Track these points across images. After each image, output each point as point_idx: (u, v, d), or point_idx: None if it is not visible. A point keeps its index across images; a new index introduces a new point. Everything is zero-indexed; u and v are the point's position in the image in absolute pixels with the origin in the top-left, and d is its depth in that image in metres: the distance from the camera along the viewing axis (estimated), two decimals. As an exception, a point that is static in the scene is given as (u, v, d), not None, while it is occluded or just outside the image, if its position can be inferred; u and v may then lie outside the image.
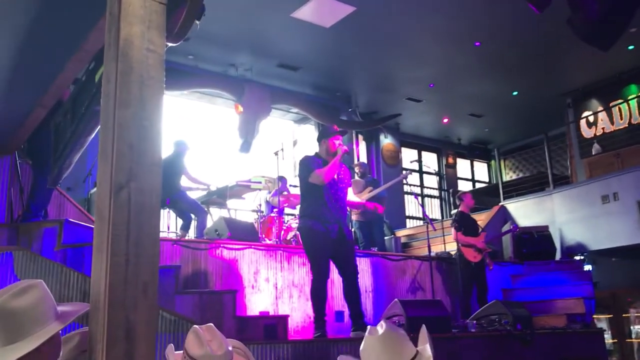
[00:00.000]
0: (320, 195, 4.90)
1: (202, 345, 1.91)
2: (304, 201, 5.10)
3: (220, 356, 1.91)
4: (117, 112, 1.89)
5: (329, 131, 5.17)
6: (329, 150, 5.04)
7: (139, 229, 1.84)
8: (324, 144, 5.09)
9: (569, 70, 10.51)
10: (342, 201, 5.01)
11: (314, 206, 4.90)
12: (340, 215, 4.96)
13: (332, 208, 4.90)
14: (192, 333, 1.97)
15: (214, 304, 4.71)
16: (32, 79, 3.73)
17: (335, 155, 5.00)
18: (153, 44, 2.00)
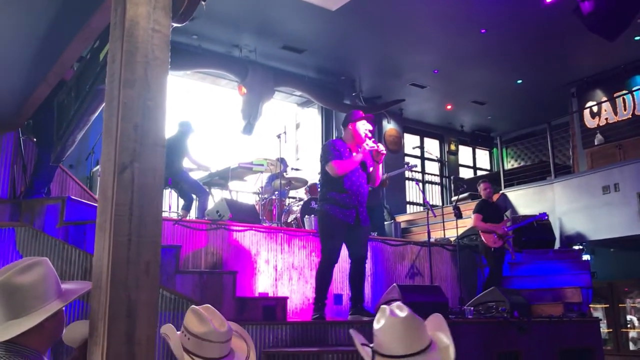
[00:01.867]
0: (341, 180, 4.89)
1: (204, 322, 1.95)
2: (323, 186, 5.09)
3: (223, 333, 1.97)
4: (121, 91, 1.89)
5: (354, 116, 5.07)
6: (354, 136, 5.01)
7: (142, 209, 1.85)
8: (349, 129, 5.03)
9: (574, 59, 10.46)
10: (363, 187, 4.99)
11: (334, 192, 4.90)
12: (359, 201, 4.95)
13: (353, 194, 4.89)
14: (192, 312, 2.00)
15: (214, 284, 4.75)
16: (37, 55, 3.73)
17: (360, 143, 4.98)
18: (159, 24, 2.00)
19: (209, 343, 1.93)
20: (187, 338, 1.95)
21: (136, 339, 1.78)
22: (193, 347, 1.93)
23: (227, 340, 2.01)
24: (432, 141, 14.01)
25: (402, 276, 7.22)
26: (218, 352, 1.95)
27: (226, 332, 1.99)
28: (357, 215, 4.88)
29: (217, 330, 1.95)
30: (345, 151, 4.95)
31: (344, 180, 4.86)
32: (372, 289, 6.82)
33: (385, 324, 1.79)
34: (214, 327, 1.96)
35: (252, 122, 9.70)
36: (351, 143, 5.01)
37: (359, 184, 4.92)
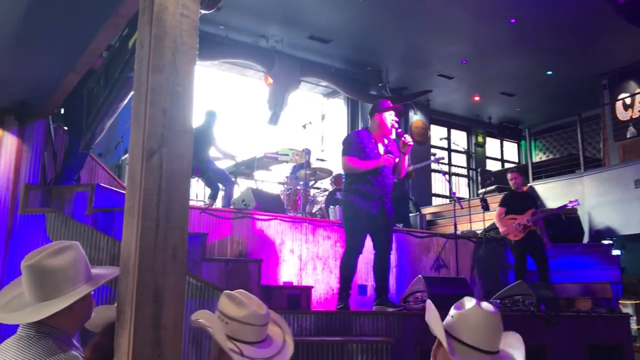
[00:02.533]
0: (367, 171, 4.86)
1: (243, 305, 1.89)
2: (348, 176, 5.06)
3: (262, 315, 1.90)
4: (150, 77, 1.89)
5: (381, 106, 5.01)
6: (380, 126, 4.95)
7: (170, 194, 1.85)
8: (376, 119, 4.96)
9: (607, 50, 10.21)
10: (388, 177, 4.94)
11: (359, 182, 4.86)
12: (384, 192, 4.89)
13: (377, 184, 4.84)
14: (228, 296, 1.94)
15: (239, 272, 4.78)
16: (66, 44, 3.77)
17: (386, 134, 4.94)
18: (187, 9, 1.99)
19: (249, 326, 1.86)
20: (225, 323, 1.87)
21: (163, 323, 1.78)
22: (232, 332, 1.85)
23: (266, 323, 1.94)
24: (460, 133, 13.87)
25: (428, 268, 7.18)
26: (257, 335, 1.89)
27: (265, 315, 1.92)
28: (382, 206, 4.84)
29: (256, 312, 1.89)
30: (370, 142, 4.90)
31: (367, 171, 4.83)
32: (397, 281, 6.79)
33: (471, 312, 1.74)
34: (253, 309, 1.89)
35: (278, 112, 9.72)
36: (377, 133, 4.96)
37: (385, 174, 4.86)
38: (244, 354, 1.80)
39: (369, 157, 4.83)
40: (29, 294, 1.80)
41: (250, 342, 1.85)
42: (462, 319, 1.73)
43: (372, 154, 4.85)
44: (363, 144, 4.85)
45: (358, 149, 4.82)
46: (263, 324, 1.90)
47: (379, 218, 4.81)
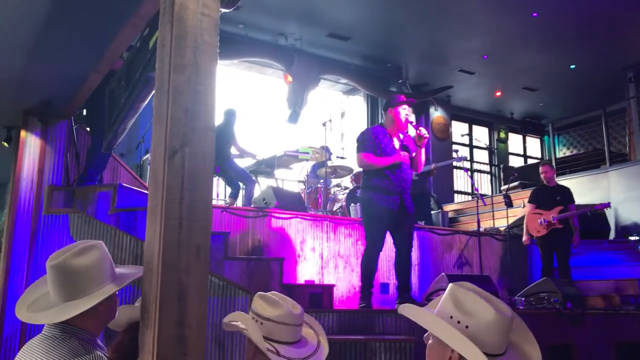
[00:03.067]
0: (381, 167, 4.83)
1: (278, 305, 1.88)
2: (365, 173, 5.03)
3: (298, 315, 1.90)
4: (171, 76, 1.89)
5: (395, 100, 4.98)
6: (394, 121, 4.92)
7: (192, 193, 1.85)
8: (390, 113, 4.93)
9: (632, 42, 10.00)
10: (406, 172, 4.89)
11: (376, 179, 4.82)
12: (402, 187, 4.84)
13: (395, 179, 4.79)
14: (261, 297, 1.92)
15: (261, 271, 4.78)
16: (88, 45, 3.80)
17: (401, 128, 4.92)
18: (207, 8, 1.99)
19: (284, 326, 1.85)
20: (260, 324, 1.85)
21: (187, 322, 1.78)
22: (268, 332, 1.84)
23: (301, 323, 1.93)
24: (481, 129, 13.72)
25: (450, 266, 7.12)
26: (293, 336, 1.88)
27: (300, 315, 1.91)
28: (401, 201, 4.79)
29: (291, 312, 1.88)
30: (385, 138, 4.87)
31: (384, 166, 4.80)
32: (419, 279, 6.75)
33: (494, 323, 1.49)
34: (288, 309, 1.88)
35: (298, 111, 9.72)
36: (392, 128, 4.93)
37: (402, 169, 4.82)
38: (280, 353, 1.78)
39: (385, 153, 4.80)
40: (54, 293, 1.81)
41: (286, 342, 1.83)
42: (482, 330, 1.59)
43: (387, 149, 4.82)
44: (378, 140, 4.82)
45: (373, 145, 4.79)
46: (298, 323, 1.88)
47: (398, 214, 4.77)
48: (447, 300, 1.56)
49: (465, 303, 1.52)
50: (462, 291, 1.54)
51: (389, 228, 4.82)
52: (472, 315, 1.50)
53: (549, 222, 6.73)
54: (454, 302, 1.54)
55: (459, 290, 1.55)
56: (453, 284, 1.58)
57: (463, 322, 1.50)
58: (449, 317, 1.52)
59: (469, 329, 1.48)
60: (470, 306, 1.51)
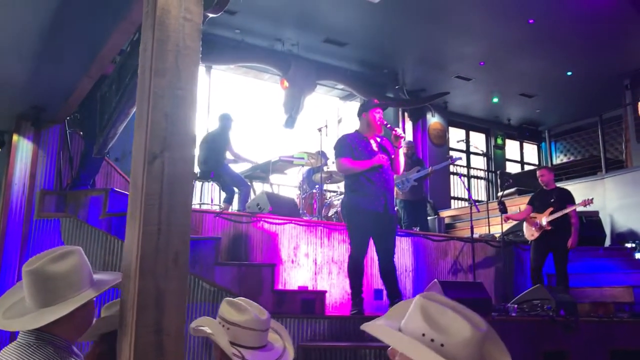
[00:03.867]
0: (364, 170, 4.83)
1: (244, 310, 1.91)
2: (347, 178, 5.04)
3: (264, 320, 1.93)
4: (152, 80, 1.88)
5: (369, 104, 5.08)
6: (369, 124, 4.97)
7: (172, 198, 1.84)
8: (364, 118, 5.01)
9: (628, 49, 9.99)
10: (386, 173, 4.91)
11: (359, 182, 4.83)
12: (386, 188, 4.86)
13: (377, 181, 4.81)
14: (228, 302, 1.95)
15: (252, 277, 4.75)
16: (79, 49, 3.79)
17: (376, 131, 4.96)
18: (190, 13, 1.98)
19: (250, 331, 1.89)
20: (226, 329, 1.89)
21: (165, 329, 1.77)
22: (234, 337, 1.87)
23: (267, 329, 1.97)
24: (478, 135, 13.71)
25: (445, 272, 7.10)
26: (259, 341, 1.91)
27: (266, 320, 1.95)
28: (385, 202, 4.80)
29: (258, 317, 1.91)
30: (361, 142, 4.91)
31: None
32: (413, 285, 6.72)
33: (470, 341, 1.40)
34: (255, 315, 1.91)
35: (294, 116, 9.71)
36: (367, 132, 4.99)
37: (383, 170, 4.84)
38: (245, 358, 1.80)
39: (364, 156, 4.85)
40: (30, 299, 1.79)
41: (252, 347, 1.85)
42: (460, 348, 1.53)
43: (366, 152, 4.87)
44: (355, 144, 4.88)
45: (351, 150, 4.83)
46: (264, 329, 1.90)
47: (382, 216, 4.77)
48: (417, 315, 1.44)
49: (439, 319, 1.41)
50: (433, 305, 1.43)
51: (374, 232, 4.81)
52: (447, 333, 1.39)
53: (540, 225, 6.72)
54: (425, 317, 1.43)
55: (429, 305, 1.44)
56: (421, 297, 1.47)
57: (437, 340, 1.39)
58: (420, 335, 1.41)
59: (444, 348, 1.38)
60: (445, 323, 1.40)
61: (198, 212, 5.89)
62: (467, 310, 1.44)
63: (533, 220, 6.83)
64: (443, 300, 1.46)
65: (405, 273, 6.78)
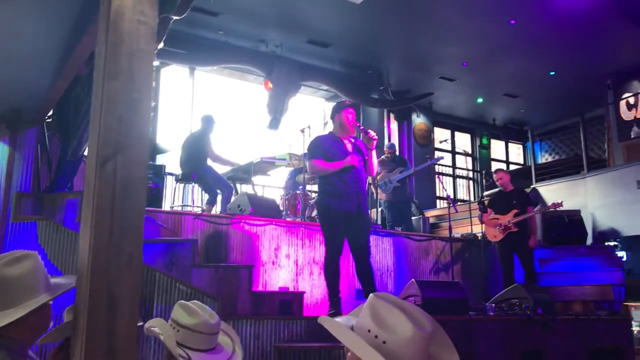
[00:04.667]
0: (336, 171, 4.86)
1: (194, 314, 1.99)
2: (320, 178, 5.07)
3: (213, 324, 2.01)
4: (105, 83, 1.89)
5: (340, 105, 5.12)
6: (342, 125, 5.00)
7: (125, 201, 1.84)
8: (337, 120, 5.04)
9: (610, 50, 10.08)
10: (360, 173, 4.94)
11: (332, 183, 4.86)
12: (359, 188, 4.89)
13: (350, 182, 4.84)
14: (181, 305, 2.03)
15: (230, 278, 4.75)
16: (52, 51, 3.78)
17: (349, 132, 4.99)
18: (145, 16, 1.98)
19: (199, 334, 1.96)
20: (176, 330, 1.97)
21: (117, 331, 1.77)
22: (182, 339, 1.95)
23: (216, 332, 2.04)
24: (463, 135, 13.78)
25: (427, 272, 7.13)
26: (207, 343, 1.98)
27: (215, 324, 2.03)
28: (358, 202, 4.83)
29: (207, 322, 1.98)
30: (335, 143, 4.94)
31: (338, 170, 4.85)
32: (395, 285, 6.75)
33: (412, 340, 1.45)
34: (205, 318, 1.99)
35: (278, 117, 9.72)
36: (341, 133, 5.02)
37: (356, 171, 4.87)
38: (191, 359, 1.84)
39: (338, 156, 4.87)
40: (-17, 303, 1.79)
41: (199, 350, 1.90)
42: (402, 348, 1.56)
43: (339, 153, 4.89)
44: (327, 145, 4.89)
45: (323, 152, 4.86)
46: (213, 332, 1.96)
47: (356, 216, 4.79)
48: (367, 313, 1.50)
49: (385, 317, 1.47)
50: (381, 304, 1.49)
51: (347, 232, 4.83)
52: (390, 331, 1.45)
53: (504, 226, 6.80)
54: (373, 315, 1.49)
55: (378, 303, 1.50)
56: (373, 295, 1.53)
57: (381, 337, 1.45)
58: (367, 331, 1.47)
59: (386, 345, 1.43)
60: (390, 321, 1.46)
61: (177, 214, 5.89)
62: (416, 311, 1.50)
63: (495, 221, 6.92)
64: (393, 300, 1.51)
65: (387, 273, 6.81)
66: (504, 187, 7.12)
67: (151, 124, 9.25)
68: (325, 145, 4.90)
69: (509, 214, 6.84)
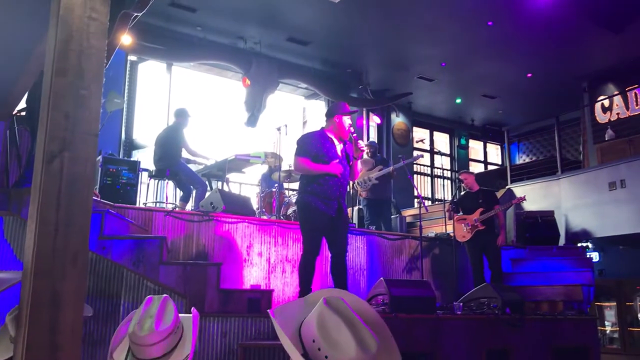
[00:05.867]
0: (316, 174, 4.84)
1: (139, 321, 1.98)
2: (304, 177, 5.03)
3: (149, 336, 1.99)
4: (53, 80, 1.88)
5: (342, 109, 5.00)
6: (338, 128, 4.93)
7: (71, 198, 1.83)
8: (335, 120, 4.94)
9: (586, 53, 10.24)
10: (344, 178, 4.93)
11: (315, 184, 4.83)
12: (340, 192, 4.88)
13: (334, 185, 4.82)
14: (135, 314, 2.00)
15: (197, 276, 4.75)
16: (13, 46, 3.74)
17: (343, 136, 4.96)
18: (96, 12, 1.97)
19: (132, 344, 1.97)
20: None
21: (60, 329, 1.76)
22: None
23: (154, 343, 2.00)
24: (442, 135, 13.87)
25: (400, 271, 7.17)
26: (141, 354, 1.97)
27: (152, 336, 1.99)
28: (339, 206, 4.82)
29: (136, 332, 1.98)
30: (327, 142, 4.88)
31: None
32: (367, 284, 6.78)
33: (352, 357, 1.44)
34: (136, 329, 1.99)
35: (256, 114, 9.71)
36: (334, 134, 4.96)
37: (341, 176, 4.87)
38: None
39: (328, 157, 4.82)
40: None
41: None
42: None
43: (330, 154, 4.84)
44: (319, 144, 4.84)
45: (312, 150, 4.81)
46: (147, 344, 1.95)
47: (335, 219, 4.80)
48: (314, 321, 1.50)
49: (331, 332, 1.47)
50: (331, 316, 1.49)
51: (326, 232, 4.84)
52: (334, 347, 1.45)
53: (472, 225, 6.90)
54: (320, 325, 1.48)
55: (328, 314, 1.49)
56: (324, 304, 1.52)
57: (323, 351, 1.45)
58: (311, 341, 1.48)
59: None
60: (335, 337, 1.46)
61: (148, 211, 5.85)
62: (364, 329, 1.49)
63: (463, 221, 7.02)
64: (345, 313, 1.51)
65: (359, 271, 6.83)
66: (470, 188, 7.25)
67: (126, 120, 9.19)
68: (317, 144, 4.83)
69: (474, 213, 6.95)
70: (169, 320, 2.00)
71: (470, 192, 7.25)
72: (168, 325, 1.99)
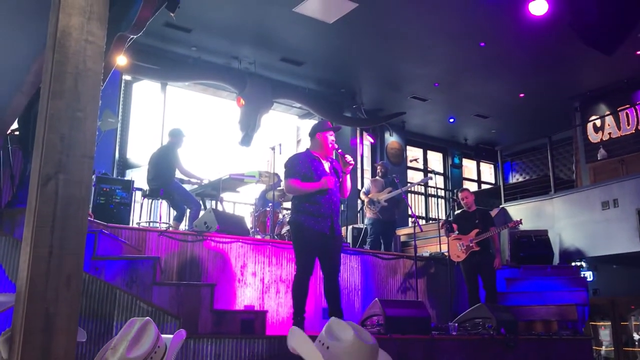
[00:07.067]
0: (309, 192, 4.85)
1: None
2: (295, 198, 5.02)
3: None
4: (50, 102, 1.88)
5: (324, 126, 5.08)
6: (322, 146, 4.97)
7: (65, 221, 1.83)
8: (318, 138, 4.98)
9: (578, 73, 10.35)
10: (335, 195, 4.93)
11: (307, 203, 4.84)
12: (333, 210, 4.88)
13: (325, 203, 4.82)
14: None
15: (191, 297, 4.70)
16: (8, 66, 3.75)
17: (328, 153, 4.99)
18: (93, 36, 1.98)
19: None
20: None
21: (53, 352, 1.75)
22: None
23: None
24: (436, 154, 13.93)
25: (394, 291, 7.15)
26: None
27: None
28: (332, 224, 4.82)
29: None
30: (314, 161, 4.91)
31: None
32: (362, 303, 6.75)
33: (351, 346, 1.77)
34: None
35: (250, 134, 9.73)
36: (319, 153, 4.99)
37: (332, 193, 4.86)
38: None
39: (316, 175, 4.84)
40: None
41: None
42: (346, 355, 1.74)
43: (318, 172, 4.86)
44: (307, 164, 4.86)
45: (300, 170, 4.83)
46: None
47: (329, 237, 4.79)
48: (323, 330, 1.85)
49: (334, 329, 1.80)
50: (338, 322, 1.84)
51: (320, 252, 4.83)
52: (335, 338, 1.77)
53: (467, 245, 6.87)
54: (327, 330, 1.83)
55: (335, 321, 1.85)
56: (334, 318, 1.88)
57: (326, 344, 1.77)
58: (319, 341, 1.80)
59: (329, 350, 1.74)
60: (337, 331, 1.79)
61: (141, 231, 5.82)
62: (363, 329, 1.83)
63: (458, 241, 6.99)
64: (349, 322, 1.87)
65: (354, 291, 6.81)
66: (468, 207, 7.20)
67: (120, 139, 9.18)
68: (304, 164, 4.86)
69: (470, 233, 6.91)
70: (146, 344, 1.99)
71: (467, 212, 7.20)
72: (143, 350, 1.98)
